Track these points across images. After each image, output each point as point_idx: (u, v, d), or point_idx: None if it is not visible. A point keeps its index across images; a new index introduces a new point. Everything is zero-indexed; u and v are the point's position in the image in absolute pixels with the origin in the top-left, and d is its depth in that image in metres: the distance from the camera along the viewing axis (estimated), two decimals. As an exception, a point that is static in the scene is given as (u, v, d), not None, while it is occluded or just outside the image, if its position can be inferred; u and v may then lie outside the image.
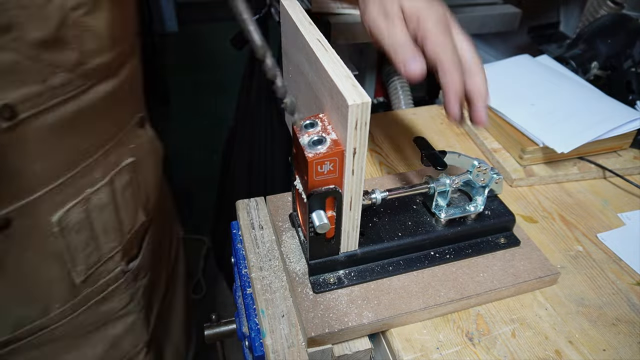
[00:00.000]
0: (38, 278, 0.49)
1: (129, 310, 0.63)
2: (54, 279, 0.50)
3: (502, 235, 0.56)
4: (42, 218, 0.45)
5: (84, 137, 0.45)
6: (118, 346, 0.63)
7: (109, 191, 0.51)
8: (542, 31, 1.14)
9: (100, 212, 0.51)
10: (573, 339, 0.48)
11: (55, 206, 0.46)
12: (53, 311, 0.52)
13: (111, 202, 0.52)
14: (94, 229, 0.51)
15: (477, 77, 0.45)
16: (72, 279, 0.52)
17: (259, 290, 0.52)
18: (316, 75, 0.44)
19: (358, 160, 0.42)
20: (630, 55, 0.83)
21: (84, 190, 0.48)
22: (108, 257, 0.55)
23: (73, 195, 0.47)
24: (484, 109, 0.45)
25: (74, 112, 0.43)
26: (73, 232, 0.48)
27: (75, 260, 0.51)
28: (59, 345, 0.55)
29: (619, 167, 0.70)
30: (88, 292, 0.55)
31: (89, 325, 0.58)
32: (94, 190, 0.49)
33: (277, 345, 0.47)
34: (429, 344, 0.47)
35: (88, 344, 0.59)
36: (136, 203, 0.57)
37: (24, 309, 0.49)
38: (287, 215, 0.59)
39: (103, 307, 0.59)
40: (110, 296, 0.59)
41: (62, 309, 0.53)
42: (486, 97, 0.45)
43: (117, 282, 0.59)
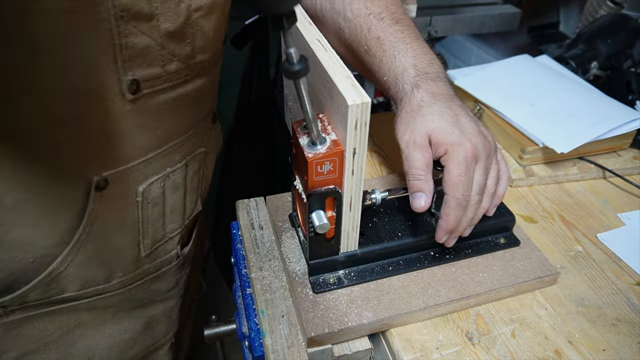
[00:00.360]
0: (113, 244, 0.53)
1: (171, 295, 0.67)
2: (124, 248, 0.54)
3: (502, 236, 0.56)
4: (131, 186, 0.50)
5: (176, 120, 0.51)
6: (153, 329, 0.66)
7: (182, 174, 0.56)
8: (542, 31, 1.14)
9: (172, 192, 0.56)
10: (573, 339, 0.48)
11: (142, 178, 0.51)
12: (115, 279, 0.56)
13: (182, 185, 0.57)
14: (165, 207, 0.56)
15: (485, 204, 0.51)
16: (139, 251, 0.56)
17: (259, 290, 0.52)
18: (316, 76, 0.44)
19: (358, 160, 0.42)
20: (630, 55, 0.83)
21: (165, 168, 0.53)
22: (169, 237, 0.60)
23: (156, 171, 0.52)
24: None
25: (175, 98, 0.49)
26: (150, 206, 0.53)
27: (146, 233, 0.55)
28: (107, 313, 0.59)
29: (618, 167, 0.70)
30: (147, 267, 0.59)
31: (137, 300, 0.61)
32: (172, 171, 0.54)
33: (277, 345, 0.47)
34: (429, 344, 0.47)
35: (130, 319, 0.62)
36: (197, 192, 0.62)
37: (93, 271, 0.53)
38: (287, 215, 0.59)
39: (153, 286, 0.62)
40: (162, 277, 0.63)
41: (122, 279, 0.57)
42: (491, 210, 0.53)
43: (170, 264, 0.63)
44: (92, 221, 0.49)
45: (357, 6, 0.56)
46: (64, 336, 0.55)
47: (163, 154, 0.51)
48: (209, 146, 0.60)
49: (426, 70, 0.51)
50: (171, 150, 0.52)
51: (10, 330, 0.51)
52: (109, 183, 0.48)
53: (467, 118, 0.49)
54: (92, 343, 0.59)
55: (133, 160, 0.49)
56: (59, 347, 0.56)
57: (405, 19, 0.56)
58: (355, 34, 0.56)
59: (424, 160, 0.48)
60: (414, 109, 0.49)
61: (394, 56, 0.53)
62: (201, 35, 0.47)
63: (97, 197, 0.48)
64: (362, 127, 0.39)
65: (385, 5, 0.56)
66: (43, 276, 0.49)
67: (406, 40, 0.53)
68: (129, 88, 0.43)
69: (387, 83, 0.54)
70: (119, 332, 0.61)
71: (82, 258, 0.51)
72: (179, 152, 0.54)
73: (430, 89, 0.50)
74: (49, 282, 0.49)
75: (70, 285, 0.52)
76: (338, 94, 0.39)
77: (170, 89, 0.47)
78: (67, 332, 0.55)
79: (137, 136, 0.47)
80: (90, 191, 0.47)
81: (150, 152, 0.50)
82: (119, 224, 0.52)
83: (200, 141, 0.57)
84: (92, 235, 0.50)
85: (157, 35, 0.42)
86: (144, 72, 0.44)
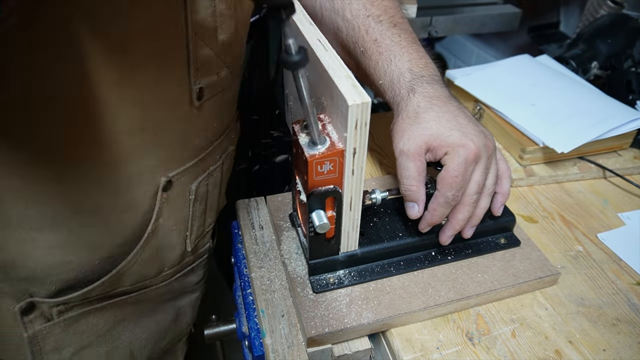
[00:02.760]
0: (169, 241, 0.56)
1: (198, 287, 0.69)
2: (177, 244, 0.57)
3: (502, 236, 0.56)
4: (186, 186, 0.53)
5: (220, 122, 0.55)
6: (179, 321, 0.69)
7: (220, 172, 0.59)
8: (542, 31, 1.14)
9: (213, 188, 0.59)
10: (573, 339, 0.48)
11: (194, 177, 0.54)
12: (162, 273, 0.58)
13: (220, 181, 0.60)
14: (207, 203, 0.59)
15: (484, 204, 0.51)
16: (185, 246, 0.59)
17: (259, 290, 0.52)
18: (316, 75, 0.44)
19: (358, 160, 0.42)
20: (630, 55, 0.83)
21: (209, 167, 0.56)
22: (206, 231, 0.63)
23: (203, 169, 0.55)
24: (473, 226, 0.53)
25: (222, 102, 0.53)
26: (197, 203, 0.56)
27: (192, 229, 0.58)
28: (146, 305, 0.61)
29: (619, 167, 0.70)
30: (187, 260, 0.62)
31: (173, 292, 0.64)
32: (214, 169, 0.57)
33: (276, 345, 0.47)
34: (429, 344, 0.47)
35: (164, 311, 0.64)
36: (225, 187, 0.65)
37: (149, 268, 0.55)
38: (287, 215, 0.59)
39: (188, 278, 0.65)
40: (196, 269, 0.65)
41: (167, 272, 0.59)
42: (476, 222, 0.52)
43: (203, 257, 0.66)
44: (158, 221, 0.52)
45: (356, 7, 0.56)
46: (111, 330, 0.57)
47: (209, 154, 0.55)
48: (235, 143, 0.64)
49: (422, 73, 0.52)
50: (214, 149, 0.56)
51: (70, 326, 0.53)
52: (172, 184, 0.51)
53: (466, 119, 0.49)
54: (133, 335, 0.60)
55: (190, 160, 0.52)
56: (107, 340, 0.57)
57: (403, 23, 0.56)
58: (353, 35, 0.57)
59: (416, 169, 0.48)
60: (410, 116, 0.50)
61: (390, 60, 0.53)
62: (240, 43, 0.51)
63: (164, 198, 0.51)
64: (362, 127, 0.39)
65: (384, 8, 0.56)
66: (111, 275, 0.51)
67: (402, 44, 0.53)
68: (197, 95, 0.47)
69: (382, 87, 0.54)
70: (154, 324, 0.63)
71: (146, 256, 0.53)
72: (218, 151, 0.57)
73: (427, 93, 0.50)
74: (113, 280, 0.52)
75: (128, 280, 0.54)
76: (338, 94, 0.39)
77: (220, 94, 0.51)
78: (113, 325, 0.57)
79: (196, 139, 0.51)
80: (158, 192, 0.50)
81: (202, 153, 0.53)
82: (176, 221, 0.55)
83: (230, 140, 0.61)
84: (156, 234, 0.52)
85: (215, 46, 0.46)
86: (206, 80, 0.47)
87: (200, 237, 0.61)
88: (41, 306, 0.50)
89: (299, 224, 0.54)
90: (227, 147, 0.60)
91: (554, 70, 0.83)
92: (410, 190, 0.49)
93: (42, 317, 0.50)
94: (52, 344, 0.52)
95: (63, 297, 0.50)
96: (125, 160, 0.45)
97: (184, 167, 0.51)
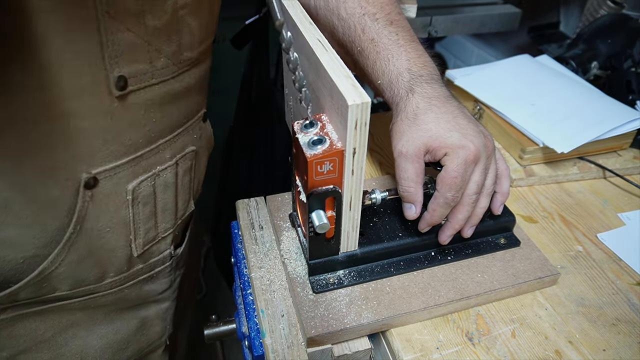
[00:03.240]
0: (105, 244, 0.53)
1: (165, 296, 0.66)
2: (116, 248, 0.54)
3: (502, 236, 0.56)
4: (120, 185, 0.50)
5: (164, 118, 0.52)
6: (146, 330, 0.66)
7: (173, 173, 0.56)
8: (542, 31, 1.14)
9: (163, 190, 0.56)
10: (573, 339, 0.48)
11: (132, 176, 0.51)
12: (107, 279, 0.56)
13: (173, 183, 0.57)
14: (156, 205, 0.56)
15: (483, 203, 0.52)
16: (131, 251, 0.56)
17: (259, 290, 0.52)
18: (316, 75, 0.44)
19: (358, 160, 0.42)
20: (630, 55, 0.83)
21: (155, 166, 0.53)
22: (162, 237, 0.60)
23: (146, 169, 0.52)
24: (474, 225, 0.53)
25: (163, 95, 0.49)
26: (140, 205, 0.53)
27: (137, 233, 0.55)
28: (99, 313, 0.59)
29: (619, 167, 0.70)
30: (139, 268, 0.59)
31: (129, 301, 0.61)
32: (162, 169, 0.54)
33: (276, 345, 0.47)
34: (429, 344, 0.47)
35: (123, 320, 0.62)
36: (190, 191, 0.62)
37: (85, 272, 0.53)
38: (287, 215, 0.59)
39: (146, 287, 0.62)
40: (155, 277, 0.63)
41: (114, 279, 0.57)
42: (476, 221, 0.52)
43: (164, 264, 0.63)
44: (82, 220, 0.49)
45: (351, 5, 0.55)
46: (56, 336, 0.55)
47: (153, 152, 0.51)
48: (200, 145, 0.61)
49: (420, 72, 0.51)
50: (161, 148, 0.52)
51: (2, 330, 0.51)
52: (98, 181, 0.48)
53: (465, 119, 0.49)
54: (85, 343, 0.58)
55: (122, 157, 0.49)
56: (51, 347, 0.56)
57: (400, 20, 0.55)
58: (349, 34, 0.56)
59: (414, 171, 0.48)
60: (409, 117, 0.49)
61: (388, 59, 0.52)
62: (188, 32, 0.48)
63: (87, 196, 0.48)
64: (362, 127, 0.39)
65: (380, 5, 0.55)
66: (33, 275, 0.49)
67: (400, 42, 0.53)
68: (117, 84, 0.43)
69: (381, 86, 0.54)
70: (112, 333, 0.61)
71: (74, 257, 0.50)
72: (169, 151, 0.54)
73: (426, 93, 0.50)
74: (39, 281, 0.49)
75: (62, 284, 0.52)
76: (338, 94, 0.39)
77: (157, 86, 0.48)
78: (59, 332, 0.55)
79: (125, 133, 0.48)
80: (80, 189, 0.47)
81: (140, 150, 0.50)
82: (110, 223, 0.51)
83: (190, 140, 0.57)
84: (83, 234, 0.50)
85: (143, 32, 0.43)
86: (131, 68, 0.44)
87: (152, 243, 0.58)
88: None
89: (299, 224, 0.54)
90: (183, 147, 0.56)
91: (554, 70, 0.83)
92: (408, 191, 0.49)
93: None
94: None
95: None
96: (32, 152, 0.43)
97: (114, 164, 0.48)
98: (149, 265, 0.60)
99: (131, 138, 0.48)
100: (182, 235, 0.66)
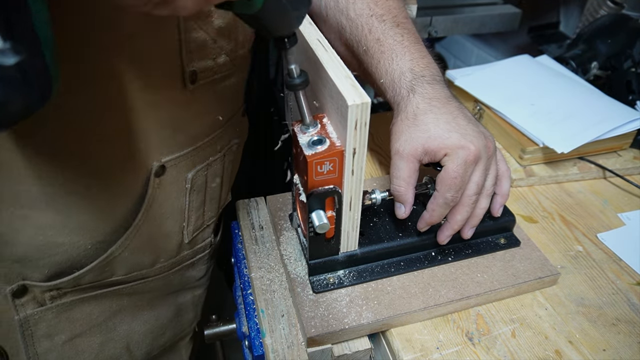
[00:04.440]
0: (164, 230, 0.55)
1: (201, 283, 0.69)
2: (171, 234, 0.57)
3: (502, 236, 0.56)
4: (182, 174, 0.53)
5: (220, 111, 0.55)
6: (181, 317, 0.68)
7: (221, 164, 0.59)
8: (542, 31, 1.14)
9: (212, 180, 0.59)
10: (573, 339, 0.48)
11: (191, 165, 0.54)
12: (158, 264, 0.58)
13: (220, 174, 0.60)
14: (206, 194, 0.59)
15: (483, 204, 0.52)
16: (182, 237, 0.59)
17: (259, 290, 0.52)
18: (316, 76, 0.44)
19: (358, 160, 0.42)
20: (630, 55, 0.83)
21: (208, 157, 0.56)
22: (207, 225, 0.62)
23: (202, 159, 0.55)
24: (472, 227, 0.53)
25: (222, 90, 0.53)
26: (195, 193, 0.56)
27: (190, 220, 0.58)
28: (144, 298, 0.61)
29: (619, 167, 0.70)
30: (186, 253, 0.61)
31: (172, 286, 0.64)
32: (214, 160, 0.57)
33: (276, 344, 0.47)
34: (429, 344, 0.47)
35: (163, 306, 0.64)
36: (230, 182, 0.65)
37: (142, 257, 0.55)
38: (287, 215, 0.59)
39: (187, 273, 0.65)
40: (196, 264, 0.65)
41: (164, 264, 0.59)
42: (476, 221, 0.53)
43: (205, 252, 0.65)
44: (150, 207, 0.51)
45: (360, 6, 0.56)
46: (107, 320, 0.57)
47: (208, 143, 0.55)
48: (240, 138, 0.64)
49: (422, 73, 0.52)
50: (214, 140, 0.56)
51: (62, 313, 0.53)
52: (166, 169, 0.51)
53: (465, 120, 0.49)
54: (130, 328, 0.60)
55: (186, 147, 0.52)
56: (102, 331, 0.57)
57: (406, 23, 0.56)
58: (356, 34, 0.57)
59: (407, 171, 0.48)
60: (408, 117, 0.50)
61: (392, 59, 0.53)
62: (242, 31, 0.51)
63: (156, 183, 0.51)
64: (362, 127, 0.39)
65: (388, 8, 0.56)
66: (100, 260, 0.51)
67: (404, 43, 0.53)
68: (190, 78, 0.47)
69: (383, 86, 0.54)
70: (153, 319, 0.63)
71: (137, 243, 0.53)
72: (220, 142, 0.57)
73: (427, 93, 0.50)
74: (103, 265, 0.51)
75: (120, 269, 0.54)
76: (338, 94, 0.39)
77: (218, 81, 0.51)
78: (109, 316, 0.57)
79: (191, 125, 0.51)
80: (150, 177, 0.50)
81: (199, 141, 0.53)
82: (170, 210, 0.54)
83: (234, 132, 0.61)
84: (148, 221, 0.52)
85: (211, 31, 0.46)
86: (200, 64, 0.47)
87: (199, 230, 0.61)
88: (33, 290, 0.50)
89: (298, 224, 0.54)
90: (230, 140, 0.60)
91: (553, 70, 0.83)
92: (399, 191, 0.49)
93: (34, 302, 0.50)
94: (44, 329, 0.52)
95: (55, 282, 0.49)
96: (113, 140, 0.45)
97: (179, 153, 0.51)
98: (193, 251, 0.63)
99: (195, 129, 0.52)
100: (219, 225, 0.68)
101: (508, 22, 1.12)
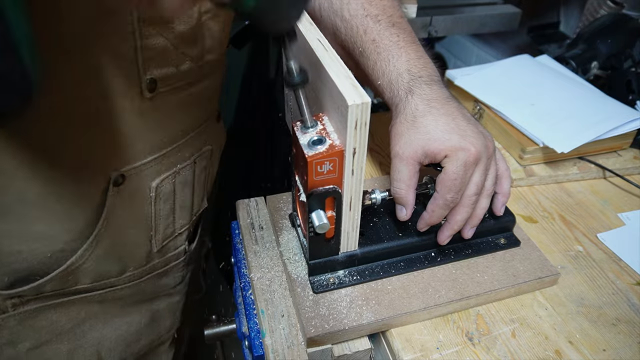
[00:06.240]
0: (128, 239, 0.55)
1: (177, 290, 0.68)
2: (138, 243, 0.56)
3: (502, 236, 0.56)
4: (145, 182, 0.52)
5: (187, 118, 0.54)
6: (158, 323, 0.68)
7: (191, 171, 0.58)
8: (542, 31, 1.14)
9: (182, 188, 0.58)
10: (573, 339, 0.48)
11: (155, 174, 0.53)
12: (127, 273, 0.57)
13: (191, 181, 0.59)
14: (175, 202, 0.58)
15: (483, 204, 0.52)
16: (151, 246, 0.58)
17: (259, 290, 0.52)
18: (316, 75, 0.44)
19: (358, 160, 0.42)
20: (630, 55, 0.83)
21: (175, 165, 0.55)
22: (178, 232, 0.61)
23: (167, 167, 0.54)
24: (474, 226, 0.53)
25: (187, 97, 0.51)
26: (161, 202, 0.55)
27: (157, 228, 0.57)
28: (116, 305, 0.60)
29: (619, 167, 0.70)
30: (156, 262, 0.61)
31: (145, 294, 0.63)
32: (182, 167, 0.56)
33: (276, 345, 0.47)
34: (429, 344, 0.47)
35: (137, 313, 0.63)
36: (204, 189, 0.64)
37: (107, 265, 0.55)
38: (287, 215, 0.59)
39: (160, 281, 0.64)
40: (169, 272, 0.64)
41: (133, 273, 0.58)
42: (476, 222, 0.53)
43: (178, 259, 0.64)
44: (110, 216, 0.51)
45: (354, 7, 0.56)
46: (74, 328, 0.57)
47: (175, 151, 0.54)
48: (215, 144, 0.63)
49: (420, 74, 0.51)
50: (181, 147, 0.54)
51: (26, 320, 0.52)
52: (125, 179, 0.50)
53: (465, 120, 0.49)
54: (101, 335, 0.60)
55: (148, 156, 0.51)
56: (70, 338, 0.57)
57: (402, 22, 0.56)
58: (352, 35, 0.56)
59: (408, 173, 0.48)
60: (407, 119, 0.50)
61: (388, 60, 0.53)
62: (209, 36, 0.50)
63: (115, 192, 0.50)
64: (362, 127, 0.39)
65: (382, 8, 0.56)
66: (62, 269, 0.50)
67: (401, 44, 0.53)
68: (148, 87, 0.46)
69: (381, 87, 0.54)
70: (126, 325, 0.62)
71: (99, 252, 0.52)
72: (188, 149, 0.56)
73: (425, 95, 0.50)
74: (65, 274, 0.51)
75: (85, 277, 0.53)
76: (338, 94, 0.39)
77: (182, 88, 0.50)
78: (78, 323, 0.57)
79: (152, 133, 0.50)
80: (109, 186, 0.49)
81: (164, 149, 0.52)
82: (134, 219, 0.53)
83: (207, 139, 0.59)
84: (109, 230, 0.51)
85: (172, 37, 0.45)
86: (161, 71, 0.46)
87: (169, 239, 0.60)
88: None
89: (298, 224, 0.54)
90: (201, 147, 0.58)
91: (553, 70, 0.83)
92: (399, 194, 0.49)
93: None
94: (7, 337, 0.52)
95: (16, 290, 0.49)
96: (62, 150, 0.44)
97: (140, 162, 0.50)
98: (165, 259, 0.62)
99: (157, 137, 0.51)
100: (195, 232, 0.68)
101: (508, 22, 1.12)
